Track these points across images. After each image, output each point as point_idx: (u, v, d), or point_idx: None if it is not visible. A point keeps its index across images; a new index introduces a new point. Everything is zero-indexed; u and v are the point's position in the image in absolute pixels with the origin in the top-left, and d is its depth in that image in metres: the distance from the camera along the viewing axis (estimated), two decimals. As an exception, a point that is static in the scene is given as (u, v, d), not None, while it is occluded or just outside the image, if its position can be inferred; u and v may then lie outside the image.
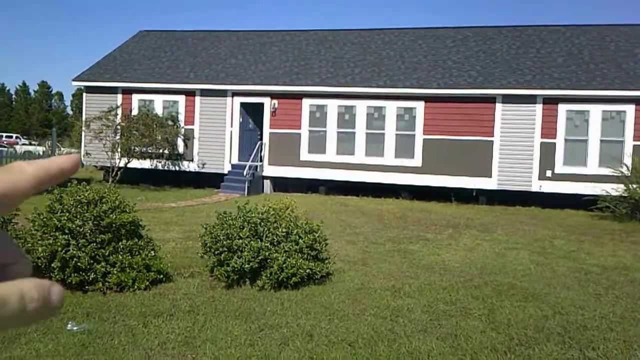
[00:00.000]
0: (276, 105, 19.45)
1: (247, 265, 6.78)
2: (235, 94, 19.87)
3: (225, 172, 19.72)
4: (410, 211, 15.48)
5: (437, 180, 17.94)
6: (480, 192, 17.85)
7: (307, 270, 6.94)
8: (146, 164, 20.21)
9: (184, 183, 20.24)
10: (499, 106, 17.48)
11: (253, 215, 7.36)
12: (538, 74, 17.72)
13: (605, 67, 17.52)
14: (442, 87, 17.89)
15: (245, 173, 18.57)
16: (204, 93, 20.12)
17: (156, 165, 20.38)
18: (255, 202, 8.30)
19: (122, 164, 19.28)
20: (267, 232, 7.19)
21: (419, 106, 18.16)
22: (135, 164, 19.76)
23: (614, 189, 15.65)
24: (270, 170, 19.55)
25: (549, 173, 17.14)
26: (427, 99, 18.07)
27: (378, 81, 18.66)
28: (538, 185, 17.20)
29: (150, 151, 19.53)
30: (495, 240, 11.15)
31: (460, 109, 17.81)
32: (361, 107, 18.69)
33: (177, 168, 20.46)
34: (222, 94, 19.93)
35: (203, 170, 20.20)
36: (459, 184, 17.78)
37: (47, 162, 0.48)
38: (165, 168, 20.46)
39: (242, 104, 19.93)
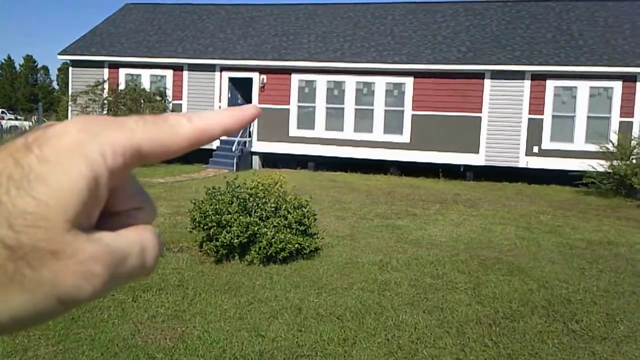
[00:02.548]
0: (265, 81, 19.33)
1: (236, 240, 6.81)
2: (223, 68, 19.70)
3: (214, 147, 19.64)
4: (399, 187, 15.56)
5: (425, 156, 18.01)
6: (468, 168, 17.96)
7: (296, 245, 6.98)
8: (134, 139, 20.03)
9: (172, 159, 20.08)
10: (487, 82, 17.50)
11: (242, 190, 7.37)
12: (527, 50, 17.72)
13: (593, 43, 17.54)
14: (432, 62, 17.85)
15: (233, 149, 18.53)
16: (192, 68, 19.93)
17: (144, 140, 20.21)
18: (244, 177, 8.31)
19: (109, 139, 19.09)
20: (256, 207, 7.21)
21: (408, 82, 18.13)
22: (122, 139, 19.57)
23: (600, 165, 15.82)
24: (259, 146, 19.51)
25: (535, 149, 17.25)
26: (416, 74, 18.04)
27: (367, 56, 18.57)
28: (525, 162, 17.32)
29: (138, 126, 19.36)
30: (482, 216, 11.27)
31: (449, 85, 17.81)
32: (350, 83, 18.63)
33: (165, 143, 20.31)
34: (211, 68, 19.75)
35: (191, 146, 20.06)
36: (447, 160, 17.87)
37: (211, 119, 0.40)
38: (153, 143, 20.30)
39: (231, 79, 19.79)
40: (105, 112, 19.08)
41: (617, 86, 16.49)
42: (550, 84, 17.03)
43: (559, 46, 17.70)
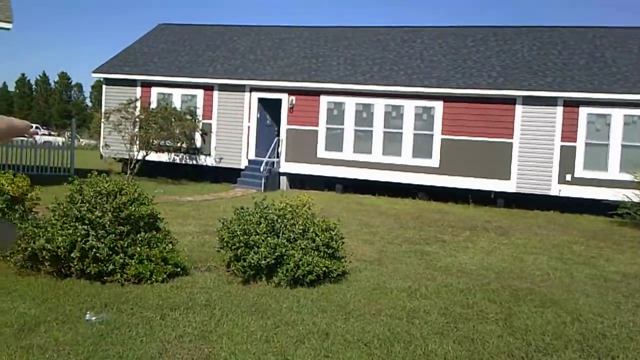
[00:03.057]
0: (294, 102, 19.43)
1: (263, 261, 6.77)
2: (253, 89, 19.88)
3: (242, 167, 19.76)
4: (427, 212, 15.39)
5: (454, 181, 17.82)
6: (498, 194, 17.70)
7: (323, 268, 6.92)
8: (164, 157, 20.32)
9: (201, 177, 20.30)
10: (519, 108, 17.31)
11: (270, 211, 7.35)
12: (559, 76, 17.52)
13: (627, 70, 17.26)
14: (462, 86, 17.75)
15: (262, 169, 18.59)
16: (222, 88, 20.16)
17: (174, 158, 20.48)
18: (272, 198, 8.29)
19: (140, 157, 19.39)
20: (284, 228, 7.18)
21: (438, 106, 18.04)
22: (153, 156, 19.87)
23: (636, 195, 15.43)
24: (287, 167, 19.55)
25: (568, 177, 16.94)
26: (446, 98, 17.95)
27: (397, 79, 18.56)
28: (557, 189, 17.01)
29: (168, 144, 19.63)
30: (513, 244, 11.05)
31: (480, 110, 17.66)
32: (379, 106, 18.61)
33: (195, 162, 20.54)
34: (240, 89, 19.95)
35: (220, 165, 20.25)
36: (477, 186, 17.64)
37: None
38: (183, 162, 20.55)
39: (260, 100, 19.95)
40: (136, 129, 19.35)
41: (653, 114, 16.17)
42: (584, 111, 16.77)
43: (592, 73, 17.46)
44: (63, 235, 6.48)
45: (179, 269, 6.96)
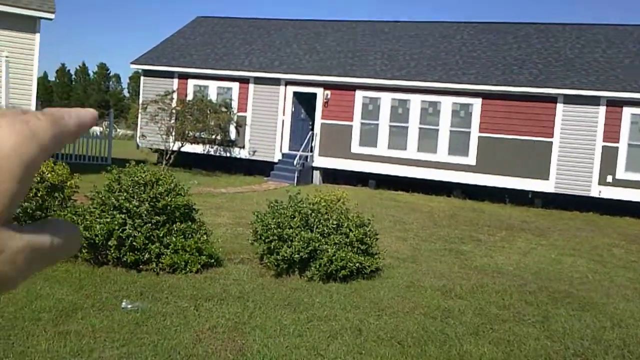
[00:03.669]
0: (329, 96, 19.36)
1: (296, 255, 6.75)
2: (288, 83, 19.88)
3: (276, 160, 19.79)
4: (462, 210, 15.17)
5: (491, 180, 17.51)
6: (536, 194, 17.33)
7: (357, 264, 6.86)
8: (199, 148, 20.50)
9: (234, 169, 20.42)
10: (559, 106, 16.90)
11: (304, 205, 7.32)
12: (602, 75, 17.03)
13: (676, 70, 16.68)
14: (501, 84, 17.41)
15: (295, 162, 18.59)
16: (258, 81, 20.21)
17: (208, 150, 20.65)
18: (306, 192, 8.26)
19: (175, 148, 19.59)
20: (318, 223, 7.14)
21: (476, 103, 17.73)
22: (188, 148, 20.06)
23: (679, 199, 14.96)
24: (320, 161, 19.51)
25: (609, 178, 16.48)
26: (484, 95, 17.63)
27: (434, 75, 18.32)
28: (597, 191, 16.57)
29: (203, 136, 19.80)
30: (551, 245, 10.80)
31: (519, 108, 17.30)
32: (415, 102, 18.40)
33: (229, 154, 20.67)
34: (276, 82, 19.97)
35: (254, 158, 20.33)
36: (514, 185, 17.31)
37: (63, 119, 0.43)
38: (217, 154, 20.70)
39: (295, 94, 19.94)
40: (172, 120, 19.55)
41: (701, 116, 15.60)
42: (627, 111, 16.27)
43: (637, 72, 16.92)
44: (101, 223, 6.57)
45: (212, 260, 6.99)
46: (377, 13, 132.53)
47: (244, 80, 20.36)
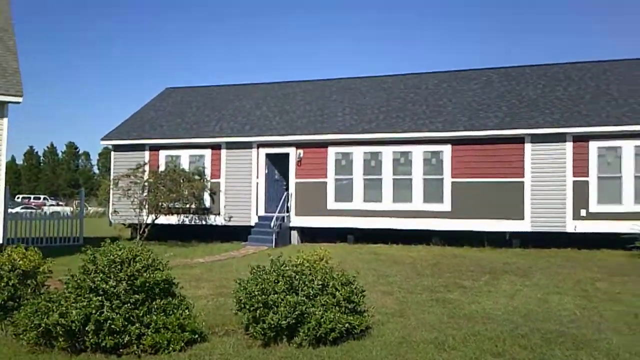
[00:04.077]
0: (301, 155, 19.47)
1: (283, 322, 6.55)
2: (260, 145, 19.98)
3: (252, 224, 19.64)
4: (444, 257, 15.11)
5: (468, 224, 17.59)
6: (513, 235, 17.43)
7: (346, 325, 6.68)
8: (173, 219, 20.28)
9: (211, 237, 20.15)
10: (528, 146, 17.24)
11: (287, 268, 7.17)
12: (566, 112, 17.51)
13: (635, 102, 17.24)
14: (469, 129, 17.75)
15: (272, 224, 18.46)
16: (230, 146, 20.28)
17: (183, 220, 20.43)
18: (287, 253, 8.12)
19: (149, 221, 19.35)
20: (303, 285, 6.98)
21: (446, 149, 18.00)
22: (162, 219, 19.83)
23: (654, 226, 15.19)
24: (297, 221, 19.41)
25: (583, 212, 16.69)
26: (453, 141, 17.93)
27: (403, 126, 18.61)
28: (573, 226, 16.73)
29: (177, 206, 19.60)
30: (535, 285, 10.75)
31: (489, 151, 17.61)
32: (387, 153, 18.61)
33: (204, 222, 20.45)
34: (248, 145, 20.06)
35: (230, 224, 20.14)
36: (491, 228, 17.40)
37: None
38: (193, 223, 20.48)
39: (268, 155, 20.02)
40: (145, 193, 19.37)
41: (663, 144, 16.04)
42: (594, 145, 16.67)
43: (599, 107, 17.44)
44: (77, 308, 6.32)
45: (196, 336, 6.74)
46: (343, 71, 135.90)
47: (215, 147, 20.40)
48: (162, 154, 21.06)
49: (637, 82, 18.54)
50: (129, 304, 6.48)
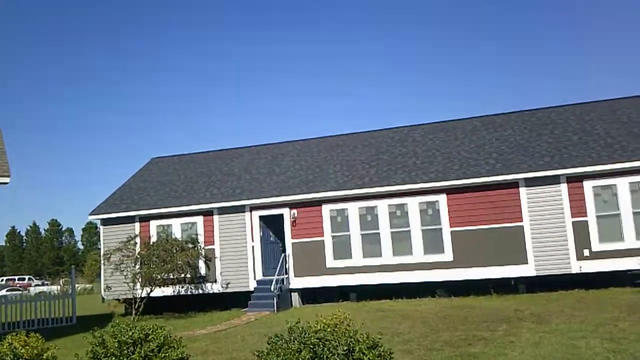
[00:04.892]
0: (296, 215, 19.21)
1: (312, 394, 6.13)
2: (253, 208, 19.71)
3: (251, 289, 19.11)
4: (453, 309, 14.72)
5: (472, 273, 17.30)
6: (519, 280, 17.15)
7: (378, 391, 6.28)
8: (168, 291, 19.69)
9: (208, 306, 19.53)
10: (523, 190, 17.21)
11: (309, 335, 6.79)
12: (556, 154, 17.61)
13: (623, 139, 17.43)
14: (462, 177, 17.71)
15: (272, 288, 17.96)
16: (222, 211, 19.97)
17: (179, 291, 19.84)
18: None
19: (144, 294, 18.74)
20: (328, 352, 6.59)
21: (441, 199, 17.90)
22: (157, 292, 19.25)
23: (659, 261, 15.06)
24: (297, 282, 18.95)
25: (586, 252, 16.53)
26: (448, 190, 17.86)
27: (396, 178, 18.53)
28: (578, 267, 16.53)
29: (172, 277, 19.04)
30: (556, 331, 10.41)
31: (484, 197, 17.54)
32: (382, 207, 18.44)
33: (201, 291, 19.87)
34: (240, 209, 19.77)
35: (227, 291, 19.60)
36: (496, 275, 17.12)
37: None
38: (188, 293, 19.88)
39: (261, 217, 19.71)
40: (138, 266, 18.85)
41: (657, 178, 16.12)
42: (588, 185, 16.69)
43: (588, 147, 17.58)
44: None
45: (219, 416, 6.28)
46: (329, 130, 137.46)
47: (207, 213, 20.08)
48: (153, 224, 20.65)
49: (621, 120, 18.83)
50: (146, 388, 6.04)
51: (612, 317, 11.40)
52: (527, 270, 16.93)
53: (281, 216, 19.52)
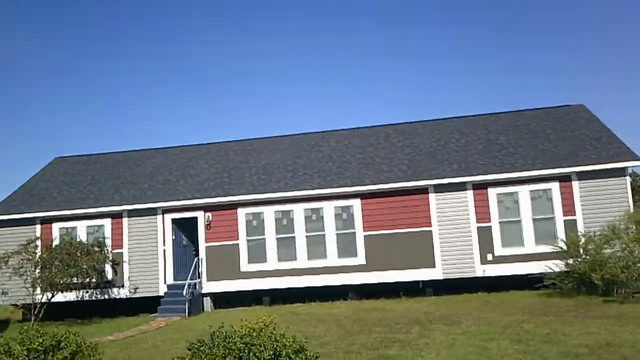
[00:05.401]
0: (210, 218, 18.86)
1: (238, 400, 6.03)
2: (165, 210, 19.14)
3: (161, 294, 18.54)
4: (365, 312, 15.01)
5: (383, 276, 17.73)
6: (426, 283, 17.78)
7: (304, 396, 6.28)
8: (71, 296, 18.69)
9: (115, 312, 18.70)
10: (432, 196, 17.87)
11: (235, 340, 6.67)
12: (463, 162, 18.43)
13: (523, 150, 18.54)
14: (376, 182, 18.13)
15: (184, 292, 17.52)
16: (132, 213, 19.23)
17: (82, 296, 18.87)
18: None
19: (44, 299, 17.69)
20: (254, 357, 6.50)
21: (356, 203, 18.23)
22: (59, 297, 18.25)
23: (555, 265, 16.13)
24: (209, 286, 18.59)
25: (489, 257, 17.41)
26: (362, 195, 18.22)
27: (312, 183, 18.67)
28: (482, 270, 17.37)
29: (76, 281, 18.10)
30: (467, 333, 10.87)
31: (396, 203, 18.04)
32: (298, 211, 18.50)
33: (107, 296, 19.03)
34: (152, 212, 19.13)
35: (136, 296, 18.89)
36: (405, 278, 17.65)
37: None
38: (93, 298, 18.96)
39: (174, 220, 19.18)
40: (38, 270, 17.76)
41: (554, 187, 17.27)
42: (492, 192, 17.61)
43: (492, 156, 18.55)
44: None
45: None
46: (247, 133, 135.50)
47: (116, 215, 19.27)
48: (56, 226, 19.55)
49: (522, 131, 20.02)
50: (61, 400, 5.69)
51: (517, 320, 12.06)
52: (434, 273, 17.58)
53: (195, 219, 19.08)
